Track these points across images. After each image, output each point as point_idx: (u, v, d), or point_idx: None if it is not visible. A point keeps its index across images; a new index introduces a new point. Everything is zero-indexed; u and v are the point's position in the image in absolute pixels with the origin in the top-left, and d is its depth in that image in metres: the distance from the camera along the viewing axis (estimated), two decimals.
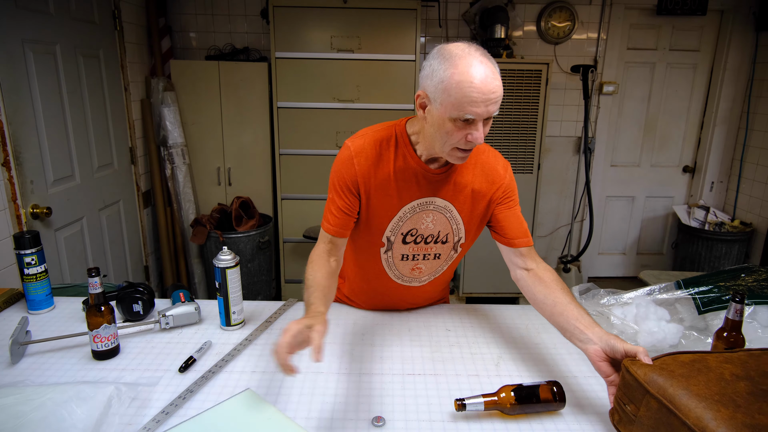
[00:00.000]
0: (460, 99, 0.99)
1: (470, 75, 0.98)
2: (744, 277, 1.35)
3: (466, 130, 1.03)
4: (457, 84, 0.99)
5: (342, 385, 1.09)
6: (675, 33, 3.65)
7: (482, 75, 0.98)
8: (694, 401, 0.77)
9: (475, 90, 0.98)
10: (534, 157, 3.19)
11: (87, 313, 1.14)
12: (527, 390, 0.98)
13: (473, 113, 1.00)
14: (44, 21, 2.19)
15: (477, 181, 1.22)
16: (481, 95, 0.99)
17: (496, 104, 1.02)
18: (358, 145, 1.19)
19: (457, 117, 1.01)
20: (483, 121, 1.03)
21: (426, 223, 1.24)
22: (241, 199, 3.13)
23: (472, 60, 0.99)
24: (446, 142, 1.07)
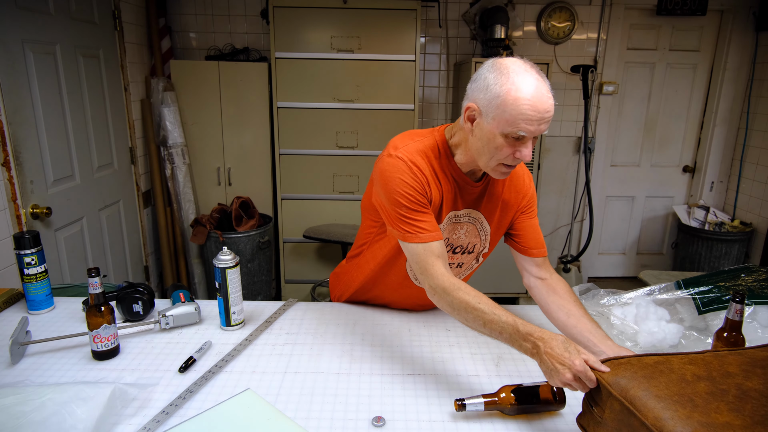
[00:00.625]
0: (515, 116, 0.99)
1: (527, 92, 0.98)
2: (744, 277, 1.35)
3: (515, 146, 1.04)
4: (514, 101, 0.98)
5: (342, 385, 1.09)
6: (675, 33, 3.65)
7: (539, 94, 0.99)
8: (653, 401, 0.78)
9: (531, 108, 0.98)
10: (534, 157, 3.19)
11: (87, 313, 1.14)
12: (527, 390, 0.98)
13: (526, 131, 1.00)
14: (44, 21, 2.19)
15: (506, 192, 1.25)
16: (537, 114, 0.99)
17: (548, 123, 1.02)
18: (409, 157, 1.13)
19: (509, 133, 1.01)
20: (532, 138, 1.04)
21: (459, 234, 1.26)
22: (241, 199, 3.13)
23: (529, 78, 0.99)
24: (494, 157, 1.06)
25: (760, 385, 0.83)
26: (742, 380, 0.84)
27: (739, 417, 0.76)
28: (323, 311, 1.44)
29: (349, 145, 3.14)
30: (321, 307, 1.47)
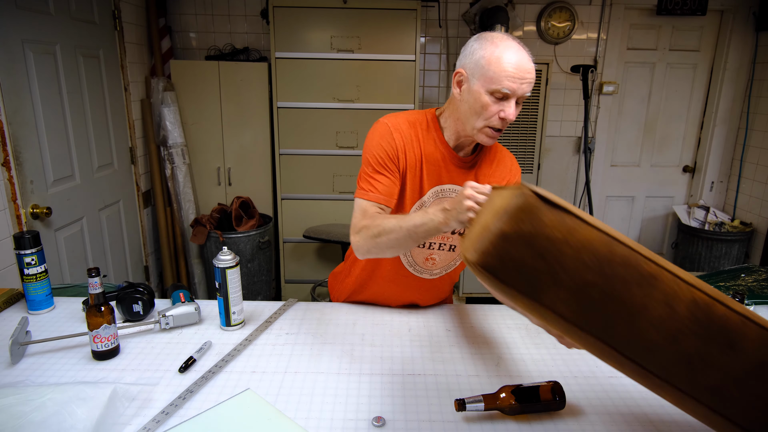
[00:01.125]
0: (498, 73, 1.09)
1: (509, 53, 1.09)
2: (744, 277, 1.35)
3: (500, 105, 1.12)
4: (497, 59, 1.09)
5: (342, 385, 1.09)
6: (675, 33, 3.65)
7: (520, 55, 1.10)
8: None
9: (513, 66, 1.09)
10: (534, 157, 3.19)
11: (87, 313, 1.14)
12: (527, 390, 0.98)
13: (509, 88, 1.09)
14: (44, 21, 2.19)
15: (495, 176, 1.30)
16: (518, 71, 1.09)
17: (529, 85, 1.11)
18: (394, 123, 1.23)
19: (494, 90, 1.10)
20: (516, 102, 1.12)
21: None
22: (241, 199, 3.13)
23: (511, 42, 1.11)
24: (480, 116, 1.14)
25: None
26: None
27: None
28: (323, 311, 1.44)
29: (349, 145, 3.14)
30: (321, 307, 1.47)
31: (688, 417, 1.00)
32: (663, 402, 1.05)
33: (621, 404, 1.04)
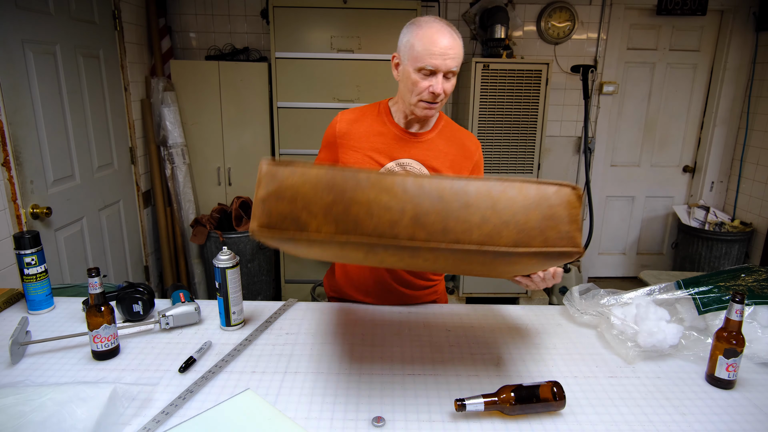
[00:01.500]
0: (421, 52, 1.22)
1: (430, 33, 1.22)
2: (744, 277, 1.35)
3: (428, 81, 1.24)
4: (419, 40, 1.22)
5: (342, 385, 1.09)
6: (675, 33, 3.65)
7: (440, 33, 1.22)
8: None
9: (434, 44, 1.21)
10: (534, 157, 3.19)
11: (87, 313, 1.14)
12: (527, 390, 0.98)
13: (432, 64, 1.22)
14: (44, 21, 2.19)
15: (452, 152, 1.39)
16: (439, 48, 1.21)
17: (453, 60, 1.23)
18: (341, 115, 1.43)
19: (420, 68, 1.23)
20: (444, 77, 1.24)
21: None
22: (241, 199, 3.13)
23: (434, 23, 1.23)
24: (413, 92, 1.27)
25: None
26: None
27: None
28: (323, 311, 1.44)
29: None
30: (321, 307, 1.47)
31: (688, 417, 1.00)
32: (663, 402, 1.05)
33: (621, 404, 1.04)
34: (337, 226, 0.85)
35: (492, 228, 0.85)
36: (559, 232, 0.87)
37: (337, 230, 0.85)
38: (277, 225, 0.86)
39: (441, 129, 1.40)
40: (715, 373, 1.10)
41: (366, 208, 0.85)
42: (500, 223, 0.86)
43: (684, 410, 1.02)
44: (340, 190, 0.85)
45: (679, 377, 1.14)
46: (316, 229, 0.85)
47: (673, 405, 1.04)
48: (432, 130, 1.39)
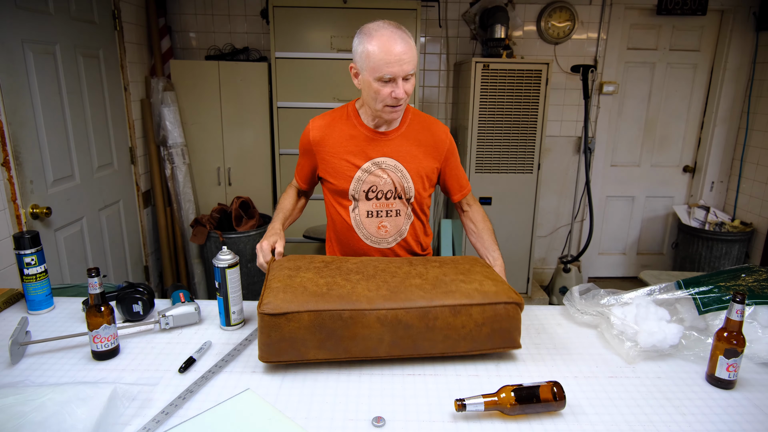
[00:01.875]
0: (376, 62, 1.27)
1: (382, 41, 1.26)
2: (744, 277, 1.35)
3: (389, 87, 1.30)
4: (372, 52, 1.27)
5: (342, 385, 1.09)
6: (675, 33, 3.65)
7: (391, 42, 1.26)
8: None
9: (387, 53, 1.25)
10: (534, 157, 3.19)
11: (87, 313, 1.14)
12: (527, 390, 0.98)
13: (391, 72, 1.27)
14: (44, 21, 2.19)
15: (424, 143, 1.46)
16: (393, 57, 1.26)
17: (409, 64, 1.28)
18: (312, 123, 1.49)
19: (379, 77, 1.28)
20: (403, 79, 1.29)
21: (383, 179, 1.45)
22: (241, 199, 3.13)
23: (383, 31, 1.28)
24: (377, 100, 1.33)
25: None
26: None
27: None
28: None
29: None
30: None
31: (688, 417, 1.00)
32: (663, 402, 1.05)
33: (621, 404, 1.04)
34: (330, 353, 1.11)
35: (452, 342, 1.14)
36: (504, 339, 1.16)
37: (330, 355, 1.11)
38: (283, 357, 1.11)
39: (409, 123, 1.47)
40: (716, 373, 1.10)
41: (352, 340, 1.10)
42: (458, 339, 1.13)
43: (684, 410, 1.02)
44: (329, 330, 1.09)
45: (680, 377, 1.14)
46: (313, 356, 1.11)
47: (673, 405, 1.04)
48: (400, 126, 1.46)
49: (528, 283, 3.43)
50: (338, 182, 1.45)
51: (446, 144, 1.50)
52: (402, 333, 1.11)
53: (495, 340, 1.15)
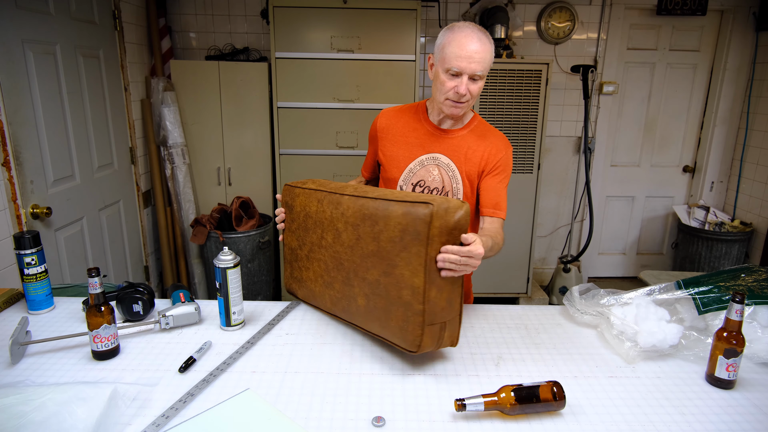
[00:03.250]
0: (448, 54, 1.30)
1: (459, 36, 1.29)
2: (744, 277, 1.35)
3: (454, 81, 1.32)
4: (448, 43, 1.31)
5: (342, 385, 1.09)
6: (675, 33, 3.65)
7: (468, 38, 1.29)
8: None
9: (460, 47, 1.28)
10: (534, 157, 3.19)
11: (87, 313, 1.14)
12: (527, 390, 0.98)
13: (458, 66, 1.29)
14: (44, 21, 2.19)
15: (479, 151, 1.45)
16: (465, 51, 1.28)
17: (478, 64, 1.29)
18: (383, 111, 1.56)
19: (447, 69, 1.31)
20: (470, 79, 1.31)
21: (433, 176, 1.46)
22: (241, 199, 3.13)
23: (465, 28, 1.31)
24: (440, 92, 1.36)
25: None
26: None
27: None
28: (323, 311, 1.44)
29: (349, 145, 3.14)
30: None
31: (688, 417, 1.00)
32: (663, 402, 1.05)
33: (621, 404, 1.04)
34: (299, 233, 1.37)
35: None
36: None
37: (299, 235, 1.37)
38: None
39: (473, 129, 1.48)
40: (715, 373, 1.10)
41: (322, 227, 1.29)
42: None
43: (684, 410, 1.02)
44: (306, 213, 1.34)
45: (679, 377, 1.14)
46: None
47: (673, 405, 1.04)
48: (464, 128, 1.47)
49: (528, 283, 3.43)
50: (391, 169, 1.49)
51: (501, 154, 1.45)
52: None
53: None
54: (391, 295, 1.12)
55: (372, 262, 1.15)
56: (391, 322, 1.13)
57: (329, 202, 1.25)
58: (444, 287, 1.09)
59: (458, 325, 1.15)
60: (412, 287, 1.07)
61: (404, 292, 1.09)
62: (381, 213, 1.12)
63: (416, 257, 1.06)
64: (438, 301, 1.08)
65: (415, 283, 1.07)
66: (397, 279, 1.10)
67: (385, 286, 1.13)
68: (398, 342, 1.13)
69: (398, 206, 1.09)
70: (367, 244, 1.15)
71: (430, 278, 1.06)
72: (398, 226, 1.08)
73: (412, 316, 1.08)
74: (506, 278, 3.40)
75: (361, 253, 1.17)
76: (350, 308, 1.26)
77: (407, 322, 1.09)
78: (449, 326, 1.13)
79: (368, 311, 1.20)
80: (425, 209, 1.04)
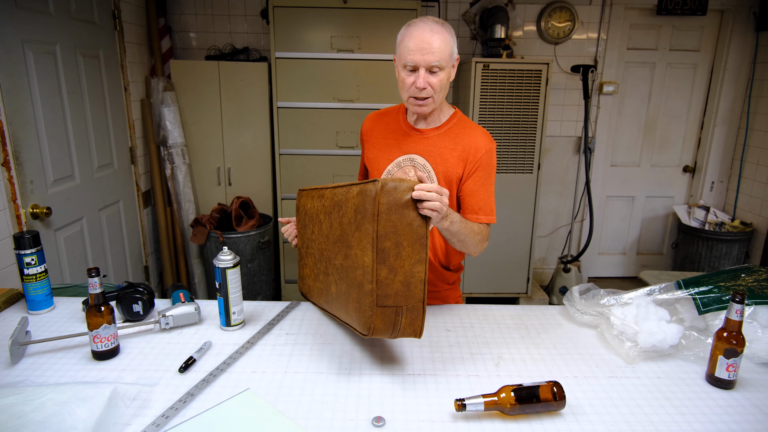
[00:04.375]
0: (402, 50, 1.29)
1: (411, 31, 1.28)
2: (744, 277, 1.35)
3: (412, 77, 1.29)
4: (402, 39, 1.30)
5: (342, 385, 1.09)
6: (675, 33, 3.65)
7: (420, 30, 1.26)
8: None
9: (412, 41, 1.26)
10: (534, 157, 3.19)
11: (87, 313, 1.14)
12: (527, 390, 0.98)
13: (412, 60, 1.27)
14: (44, 21, 2.19)
15: (457, 150, 1.39)
16: (417, 44, 1.26)
17: (433, 54, 1.25)
18: (368, 117, 1.56)
19: (404, 64, 1.29)
20: (429, 72, 1.28)
21: (408, 177, 1.42)
22: (241, 199, 3.13)
23: (418, 22, 1.29)
24: (403, 90, 1.33)
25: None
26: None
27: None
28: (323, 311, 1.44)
29: (349, 145, 3.14)
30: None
31: (688, 417, 1.00)
32: (663, 402, 1.05)
33: (621, 404, 1.04)
34: (301, 232, 1.39)
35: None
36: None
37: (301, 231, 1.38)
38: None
39: (450, 126, 1.41)
40: (716, 373, 1.10)
41: (315, 223, 1.28)
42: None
43: (684, 410, 1.02)
44: (310, 214, 1.32)
45: (679, 377, 1.14)
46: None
47: (673, 405, 1.04)
48: (440, 127, 1.42)
49: (528, 283, 3.43)
50: (373, 172, 1.50)
51: (480, 153, 1.37)
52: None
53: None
54: (349, 277, 1.11)
55: (338, 247, 1.16)
56: (350, 305, 1.12)
57: (318, 197, 1.27)
58: (397, 268, 1.05)
59: (421, 315, 1.09)
60: (363, 266, 1.06)
61: (357, 272, 1.08)
62: (344, 197, 1.13)
63: (365, 235, 1.05)
64: (390, 282, 1.05)
65: (365, 261, 1.05)
66: (353, 260, 1.09)
67: (345, 270, 1.13)
68: (354, 325, 1.12)
69: (356, 188, 1.10)
70: (335, 229, 1.16)
71: (380, 257, 1.04)
72: (353, 207, 1.09)
73: (363, 297, 1.06)
74: (506, 278, 3.40)
75: (333, 239, 1.18)
76: (329, 298, 1.25)
77: (359, 303, 1.07)
78: (407, 313, 1.08)
79: (337, 297, 1.19)
80: (373, 186, 1.04)
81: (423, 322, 1.10)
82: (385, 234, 1.04)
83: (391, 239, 1.04)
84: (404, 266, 1.06)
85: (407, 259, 1.06)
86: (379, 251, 1.04)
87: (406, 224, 1.05)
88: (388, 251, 1.04)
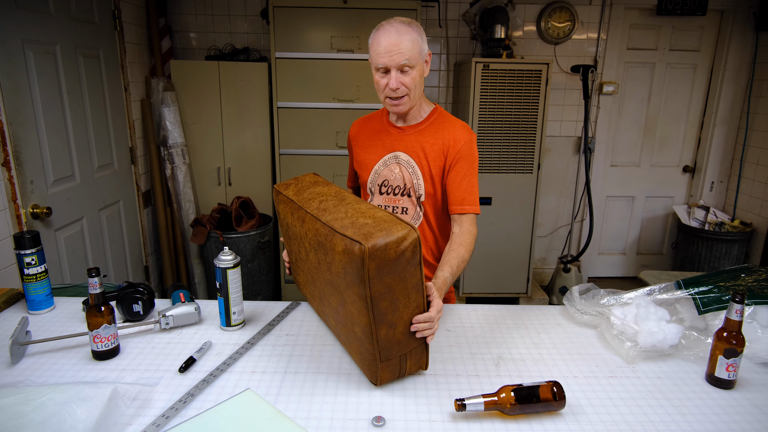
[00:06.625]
0: (373, 54, 1.33)
1: (378, 35, 1.32)
2: (744, 277, 1.35)
3: (385, 78, 1.34)
4: (371, 43, 1.35)
5: (342, 385, 1.09)
6: (675, 33, 3.65)
7: (386, 32, 1.31)
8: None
9: (379, 44, 1.31)
10: (534, 157, 3.19)
11: (87, 313, 1.14)
12: (527, 390, 0.98)
13: (382, 62, 1.31)
14: (44, 21, 2.19)
15: (438, 144, 1.42)
16: (385, 47, 1.30)
17: (401, 54, 1.29)
18: (354, 122, 1.62)
19: (376, 68, 1.34)
20: (400, 72, 1.31)
21: (394, 174, 1.47)
22: (241, 199, 3.13)
23: (384, 25, 1.34)
24: (379, 93, 1.38)
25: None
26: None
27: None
28: None
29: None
30: None
31: (688, 417, 1.00)
32: (663, 402, 1.05)
33: (621, 404, 1.04)
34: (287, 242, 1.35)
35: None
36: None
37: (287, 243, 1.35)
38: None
39: (431, 122, 1.46)
40: (715, 373, 1.10)
41: (299, 239, 1.22)
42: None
43: (684, 410, 1.02)
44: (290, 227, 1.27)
45: (679, 377, 1.14)
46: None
47: (673, 405, 1.04)
48: (420, 124, 1.46)
49: (528, 283, 3.43)
50: (362, 174, 1.53)
51: (459, 144, 1.39)
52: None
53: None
54: (348, 326, 1.10)
55: (330, 290, 1.12)
56: (354, 351, 1.14)
57: (298, 218, 1.19)
58: (396, 322, 1.02)
59: (425, 352, 1.09)
60: (361, 326, 1.02)
61: (356, 329, 1.05)
62: (328, 244, 1.03)
63: (359, 299, 0.98)
64: (391, 337, 1.02)
65: (363, 322, 1.01)
66: (350, 314, 1.05)
67: (343, 317, 1.11)
68: (362, 370, 1.13)
69: (340, 240, 0.98)
70: (324, 272, 1.10)
71: (377, 318, 0.99)
72: (341, 263, 0.99)
73: (366, 353, 1.05)
74: (506, 278, 3.40)
75: (322, 278, 1.13)
76: (329, 322, 1.28)
77: (363, 356, 1.07)
78: (412, 355, 1.08)
79: (338, 333, 1.23)
80: (359, 250, 0.93)
81: (428, 356, 1.11)
82: (380, 295, 0.97)
83: (387, 299, 0.98)
84: (403, 318, 1.03)
85: (405, 310, 1.02)
86: (376, 313, 0.99)
87: (400, 280, 0.98)
88: (385, 310, 0.99)
